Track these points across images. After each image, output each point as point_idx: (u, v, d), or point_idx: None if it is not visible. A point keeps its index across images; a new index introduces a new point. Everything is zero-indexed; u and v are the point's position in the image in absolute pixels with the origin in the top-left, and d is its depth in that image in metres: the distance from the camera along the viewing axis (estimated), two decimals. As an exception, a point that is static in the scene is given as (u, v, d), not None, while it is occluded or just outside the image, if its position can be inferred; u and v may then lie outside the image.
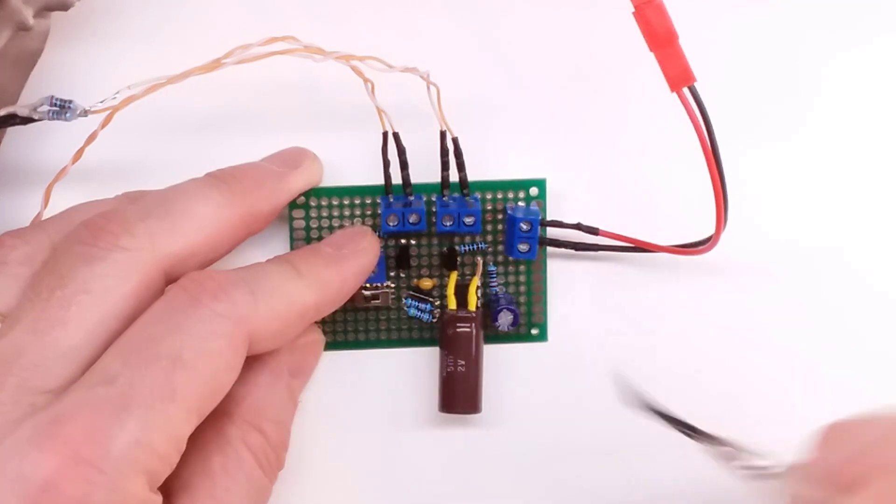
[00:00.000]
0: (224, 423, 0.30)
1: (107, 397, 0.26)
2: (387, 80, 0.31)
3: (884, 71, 0.35)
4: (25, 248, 0.29)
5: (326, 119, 0.34)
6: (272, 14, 0.34)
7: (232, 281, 0.28)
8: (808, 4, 0.34)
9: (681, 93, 0.29)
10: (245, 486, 0.30)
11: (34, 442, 0.25)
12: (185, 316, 0.27)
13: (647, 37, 0.29)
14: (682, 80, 0.29)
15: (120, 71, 0.32)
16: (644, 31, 0.29)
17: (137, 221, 0.29)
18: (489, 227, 0.34)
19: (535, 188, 0.34)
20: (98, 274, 0.28)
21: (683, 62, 0.29)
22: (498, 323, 0.34)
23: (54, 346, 0.27)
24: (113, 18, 0.33)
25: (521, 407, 0.35)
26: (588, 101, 0.34)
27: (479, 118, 0.34)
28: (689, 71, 0.29)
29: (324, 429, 0.35)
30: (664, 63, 0.29)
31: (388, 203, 0.33)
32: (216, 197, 0.30)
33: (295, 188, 0.33)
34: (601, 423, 0.35)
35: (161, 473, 0.27)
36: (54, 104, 0.30)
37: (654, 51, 0.29)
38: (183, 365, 0.27)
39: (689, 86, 0.29)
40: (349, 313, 0.34)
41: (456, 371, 0.33)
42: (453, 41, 0.34)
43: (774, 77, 0.35)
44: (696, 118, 0.29)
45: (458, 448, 0.35)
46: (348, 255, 0.32)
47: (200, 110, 0.34)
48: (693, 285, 0.35)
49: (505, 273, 0.34)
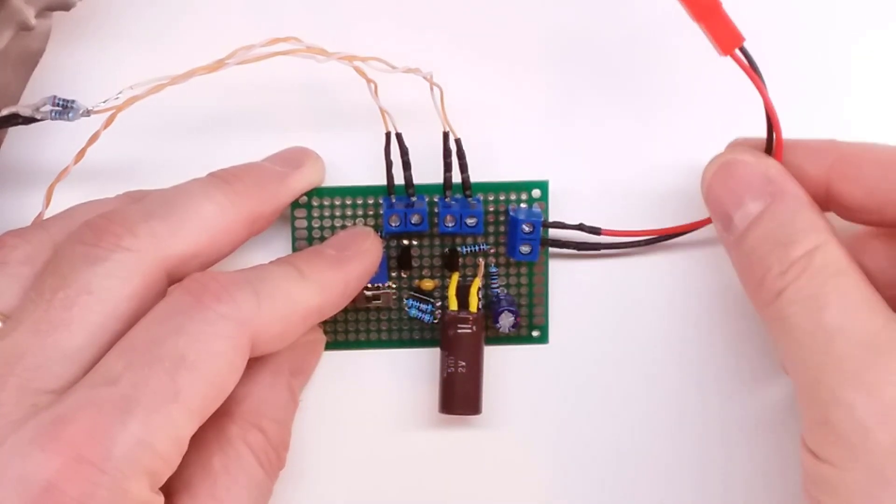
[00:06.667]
0: (225, 423, 0.30)
1: (109, 398, 0.26)
2: (390, 80, 0.31)
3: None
4: (27, 248, 0.29)
5: (329, 119, 0.34)
6: (275, 14, 0.34)
7: (235, 283, 0.28)
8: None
9: (734, 54, 0.29)
10: (246, 485, 0.30)
11: (36, 442, 0.25)
12: (189, 317, 0.27)
13: (692, 7, 0.29)
14: (732, 43, 0.29)
15: (122, 71, 0.32)
16: (687, 3, 0.29)
17: (140, 222, 0.29)
18: (491, 228, 0.34)
19: (538, 190, 0.34)
20: (100, 274, 0.28)
21: (731, 25, 0.29)
22: (499, 324, 0.34)
23: (56, 347, 0.27)
24: (115, 18, 0.33)
25: (522, 409, 0.35)
26: (591, 103, 0.34)
27: (482, 119, 0.34)
28: (737, 32, 0.29)
29: (324, 429, 0.35)
30: (712, 29, 0.29)
31: (390, 203, 0.33)
32: (218, 197, 0.30)
33: (297, 188, 0.33)
34: (601, 425, 0.35)
35: (163, 474, 0.27)
36: (57, 104, 0.30)
37: (700, 20, 0.29)
38: (186, 366, 0.27)
39: (740, 46, 0.30)
40: (350, 313, 0.34)
41: (456, 372, 0.33)
42: (457, 42, 0.34)
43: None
44: (753, 75, 0.30)
45: (458, 449, 0.35)
46: (351, 257, 0.32)
47: (203, 110, 0.34)
48: (694, 288, 0.35)
49: (506, 275, 0.34)
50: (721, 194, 0.30)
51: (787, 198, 0.30)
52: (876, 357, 0.27)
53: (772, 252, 0.29)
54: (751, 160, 0.30)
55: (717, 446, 0.35)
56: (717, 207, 0.31)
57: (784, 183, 0.30)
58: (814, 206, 0.30)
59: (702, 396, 0.35)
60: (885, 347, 0.27)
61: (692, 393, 0.35)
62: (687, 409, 0.35)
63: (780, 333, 0.29)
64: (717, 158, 0.31)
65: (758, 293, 0.29)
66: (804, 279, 0.28)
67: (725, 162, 0.31)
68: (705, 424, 0.35)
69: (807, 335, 0.28)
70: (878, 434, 0.26)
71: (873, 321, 0.27)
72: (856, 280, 0.28)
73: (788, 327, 0.28)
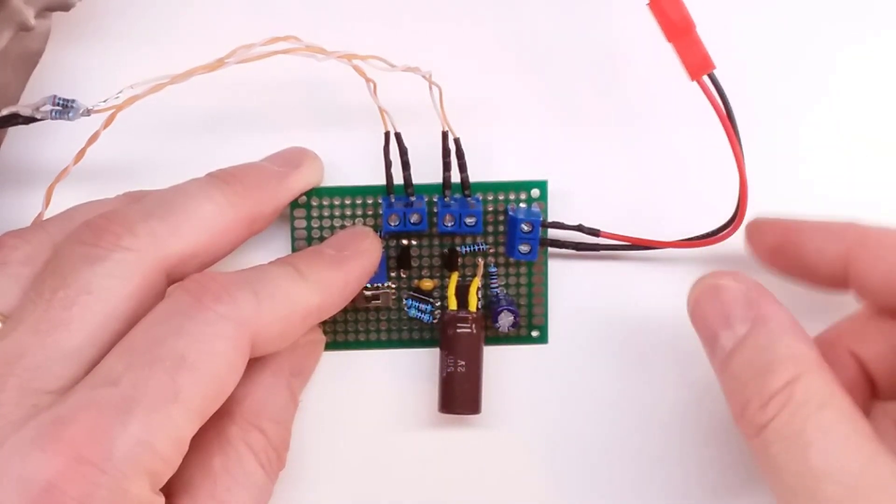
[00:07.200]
0: (225, 423, 0.30)
1: (110, 398, 0.26)
2: (389, 79, 0.31)
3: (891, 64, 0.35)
4: (27, 249, 0.29)
5: (328, 119, 0.34)
6: (274, 14, 0.34)
7: (235, 283, 0.28)
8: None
9: (701, 81, 0.29)
10: (246, 485, 0.30)
11: (37, 443, 0.25)
12: (189, 318, 0.27)
13: (664, 27, 0.29)
14: (701, 69, 0.29)
15: (122, 71, 0.32)
16: (661, 21, 0.29)
17: (139, 222, 0.29)
18: (490, 228, 0.34)
19: (537, 190, 0.34)
20: (100, 274, 0.28)
21: (702, 50, 0.29)
22: (498, 324, 0.34)
23: (56, 347, 0.27)
24: (115, 18, 0.33)
25: (521, 408, 0.35)
26: (592, 103, 0.34)
27: (481, 119, 0.34)
28: (708, 58, 0.29)
29: (324, 429, 0.35)
30: (683, 52, 0.29)
31: (389, 203, 0.33)
32: (218, 197, 0.30)
33: (296, 188, 0.33)
34: (600, 424, 0.35)
35: (163, 475, 0.27)
36: (57, 104, 0.30)
37: (672, 41, 0.29)
38: (186, 367, 0.27)
39: (709, 73, 0.29)
40: (350, 313, 0.34)
41: (456, 372, 0.33)
42: (456, 42, 0.34)
43: (784, 69, 0.35)
44: (717, 105, 0.29)
45: (458, 449, 0.35)
46: (350, 257, 0.32)
47: (203, 110, 0.34)
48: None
49: (506, 274, 0.34)
50: (706, 316, 0.30)
51: (768, 323, 0.29)
52: (858, 501, 0.26)
53: (752, 381, 0.28)
54: (733, 284, 0.30)
55: (718, 446, 0.35)
56: (703, 328, 0.30)
57: (766, 307, 0.29)
58: (796, 330, 0.29)
59: (701, 396, 0.35)
60: (870, 491, 0.26)
61: (692, 393, 0.35)
62: (686, 409, 0.35)
63: (766, 469, 0.28)
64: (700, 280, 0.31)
65: (741, 424, 0.29)
66: (786, 415, 0.27)
67: (709, 285, 0.30)
68: (705, 424, 0.35)
69: (793, 477, 0.27)
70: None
71: (857, 459, 0.27)
72: (839, 412, 0.27)
73: (774, 466, 0.28)
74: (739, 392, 0.29)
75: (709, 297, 0.30)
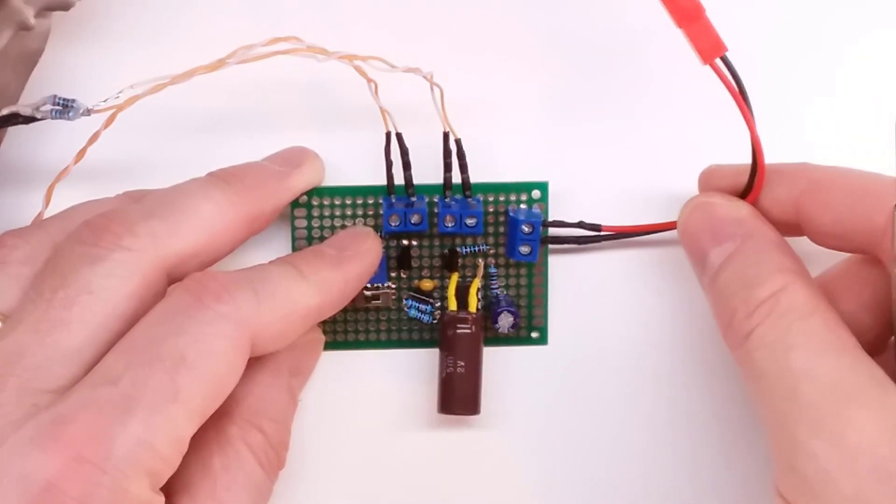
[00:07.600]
0: (224, 423, 0.30)
1: (110, 398, 0.26)
2: (390, 80, 0.31)
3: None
4: (27, 248, 0.29)
5: (329, 119, 0.34)
6: (275, 14, 0.34)
7: (235, 282, 0.28)
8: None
9: (714, 64, 0.29)
10: (246, 485, 0.30)
11: (36, 442, 0.25)
12: (189, 317, 0.27)
13: (674, 13, 0.29)
14: (713, 52, 0.29)
15: (123, 70, 0.32)
16: (669, 7, 0.29)
17: (139, 221, 0.29)
18: (491, 228, 0.34)
19: (538, 191, 0.34)
20: (100, 274, 0.28)
21: (713, 33, 0.29)
22: (498, 325, 0.34)
23: (56, 347, 0.27)
24: (115, 18, 0.33)
25: (520, 409, 0.35)
26: (593, 104, 0.34)
27: (482, 119, 0.34)
28: (719, 41, 0.29)
29: (324, 429, 0.35)
30: (694, 37, 0.29)
31: (390, 203, 0.33)
32: (218, 197, 0.30)
33: (297, 188, 0.33)
34: (600, 425, 0.35)
35: (163, 474, 0.27)
36: (57, 103, 0.30)
37: (683, 26, 0.29)
38: (186, 366, 0.27)
39: (721, 56, 0.29)
40: (349, 313, 0.34)
41: (455, 372, 0.33)
42: (457, 42, 0.34)
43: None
44: (732, 87, 0.29)
45: (457, 449, 0.35)
46: (351, 257, 0.32)
47: (203, 110, 0.34)
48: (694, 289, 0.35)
49: (506, 275, 0.34)
50: (696, 234, 0.30)
51: (756, 239, 0.30)
52: (839, 403, 0.26)
53: (739, 293, 0.29)
54: (722, 202, 0.31)
55: (719, 446, 0.35)
56: (692, 247, 0.31)
57: (754, 224, 0.30)
58: (783, 246, 0.30)
59: (702, 396, 0.35)
60: (849, 393, 0.27)
61: (692, 393, 0.35)
62: (687, 408, 0.35)
63: (749, 378, 0.28)
64: (691, 200, 0.31)
65: (727, 335, 0.29)
66: (770, 322, 0.28)
67: (700, 203, 0.31)
68: (706, 424, 0.35)
69: (773, 380, 0.27)
70: (842, 483, 0.26)
71: (839, 365, 0.27)
72: (823, 321, 0.28)
73: (756, 372, 0.28)
74: (727, 304, 0.29)
75: (698, 214, 0.31)
